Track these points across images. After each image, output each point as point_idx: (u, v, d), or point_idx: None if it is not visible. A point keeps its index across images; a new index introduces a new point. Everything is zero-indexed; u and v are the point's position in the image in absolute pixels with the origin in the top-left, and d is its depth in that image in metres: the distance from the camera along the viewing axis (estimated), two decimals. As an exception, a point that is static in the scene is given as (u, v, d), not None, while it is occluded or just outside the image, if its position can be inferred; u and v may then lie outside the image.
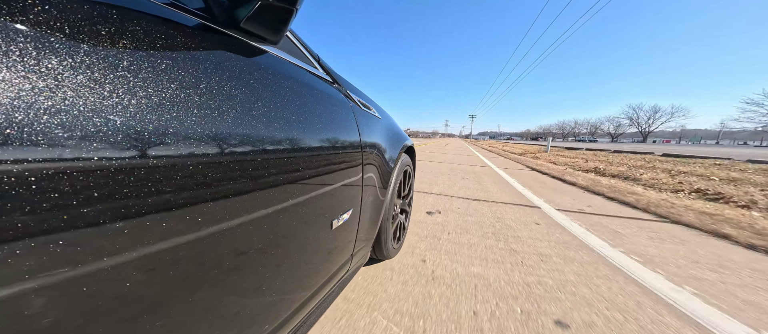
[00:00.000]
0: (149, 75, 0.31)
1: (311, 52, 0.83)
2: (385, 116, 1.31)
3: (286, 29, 0.51)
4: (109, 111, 0.27)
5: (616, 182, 4.02)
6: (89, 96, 0.25)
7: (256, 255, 0.45)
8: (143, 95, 0.30)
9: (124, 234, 0.27)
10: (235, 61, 0.44)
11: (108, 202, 0.26)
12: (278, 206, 0.49)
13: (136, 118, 0.29)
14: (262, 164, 0.45)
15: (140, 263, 0.29)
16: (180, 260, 0.33)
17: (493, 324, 0.96)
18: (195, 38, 0.38)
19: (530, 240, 1.73)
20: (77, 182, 0.24)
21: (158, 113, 0.31)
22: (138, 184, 0.28)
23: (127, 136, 0.28)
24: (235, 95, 0.42)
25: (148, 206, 0.29)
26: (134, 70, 0.30)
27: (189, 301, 0.35)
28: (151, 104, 0.30)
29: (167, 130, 0.32)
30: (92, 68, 0.26)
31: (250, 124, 0.44)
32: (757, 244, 1.75)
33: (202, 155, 0.35)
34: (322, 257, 0.68)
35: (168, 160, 0.31)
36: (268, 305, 0.50)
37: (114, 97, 0.27)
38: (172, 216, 0.32)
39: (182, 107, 0.34)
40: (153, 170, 0.30)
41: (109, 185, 0.26)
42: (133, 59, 0.30)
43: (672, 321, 1.02)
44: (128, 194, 0.28)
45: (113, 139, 0.27)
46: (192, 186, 0.34)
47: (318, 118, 0.66)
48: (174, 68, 0.34)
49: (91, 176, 0.25)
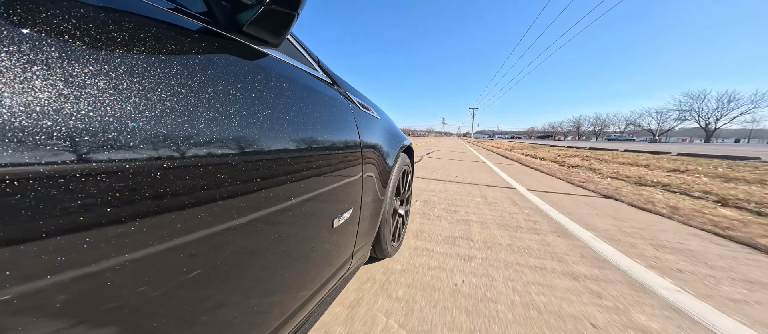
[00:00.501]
0: (152, 78, 0.32)
1: (311, 55, 0.84)
2: (383, 117, 1.32)
3: (287, 33, 0.52)
4: (113, 114, 0.27)
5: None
6: (92, 99, 0.26)
7: (259, 255, 0.46)
8: (146, 98, 0.31)
9: (123, 235, 0.27)
10: (237, 64, 0.45)
11: (107, 203, 0.26)
12: (280, 206, 0.50)
13: (139, 120, 0.29)
14: (264, 165, 0.46)
15: (140, 264, 0.29)
16: (181, 260, 0.33)
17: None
18: (198, 42, 0.39)
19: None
20: (79, 183, 0.24)
21: (161, 115, 0.32)
22: (139, 185, 0.28)
23: (129, 138, 0.28)
24: (237, 97, 0.44)
25: (150, 207, 0.29)
26: (138, 73, 0.30)
27: (190, 301, 0.35)
28: (154, 107, 0.31)
29: (170, 132, 0.32)
30: (96, 72, 0.27)
31: (253, 125, 0.45)
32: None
33: (206, 156, 0.36)
34: (323, 256, 0.69)
35: (171, 161, 0.32)
36: (270, 305, 0.51)
37: (117, 99, 0.28)
38: (174, 217, 0.32)
39: (185, 109, 0.35)
40: (155, 172, 0.30)
41: (109, 186, 0.26)
42: (136, 63, 0.30)
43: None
44: (128, 195, 0.28)
45: (115, 141, 0.27)
46: (197, 187, 0.35)
47: (318, 120, 0.67)
48: (177, 71, 0.35)
49: (92, 177, 0.25)
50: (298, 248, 0.58)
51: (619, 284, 1.24)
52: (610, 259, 1.48)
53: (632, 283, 1.25)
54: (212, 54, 0.41)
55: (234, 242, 0.41)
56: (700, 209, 2.46)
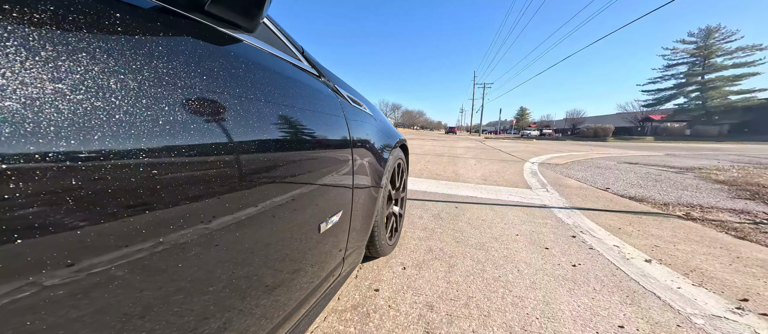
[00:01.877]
0: (101, 68, 0.26)
1: (294, 44, 0.77)
2: (376, 112, 1.26)
3: (261, 15, 0.45)
4: (62, 109, 0.23)
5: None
6: (29, 90, 0.21)
7: (237, 262, 0.41)
8: (97, 91, 0.25)
9: (95, 238, 0.25)
10: (201, 50, 0.39)
11: (73, 204, 0.24)
12: (258, 211, 0.45)
13: (95, 115, 0.25)
14: (239, 166, 0.41)
15: (117, 268, 0.27)
16: (155, 264, 0.30)
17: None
18: (151, 24, 0.33)
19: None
20: (32, 181, 0.21)
21: (114, 110, 0.27)
22: (93, 187, 0.25)
23: (87, 135, 0.24)
24: (203, 90, 0.37)
25: (110, 210, 0.26)
26: (82, 62, 0.25)
27: (170, 309, 0.33)
28: (106, 101, 0.26)
29: (128, 129, 0.28)
30: (29, 58, 0.22)
31: (224, 121, 0.40)
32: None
33: (170, 157, 0.31)
34: (309, 263, 0.64)
35: (121, 161, 0.27)
36: (252, 314, 0.46)
37: (63, 92, 0.23)
38: (135, 221, 0.28)
39: (142, 103, 0.29)
40: (97, 172, 0.25)
41: (70, 185, 0.23)
42: (79, 49, 0.25)
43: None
44: (91, 196, 0.25)
45: (72, 138, 0.24)
46: (161, 188, 0.30)
47: (303, 114, 0.61)
48: (128, 59, 0.29)
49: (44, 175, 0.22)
50: (282, 256, 0.52)
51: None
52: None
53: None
54: (169, 38, 0.35)
55: (208, 251, 0.36)
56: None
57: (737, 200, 2.89)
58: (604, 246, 1.61)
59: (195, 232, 0.34)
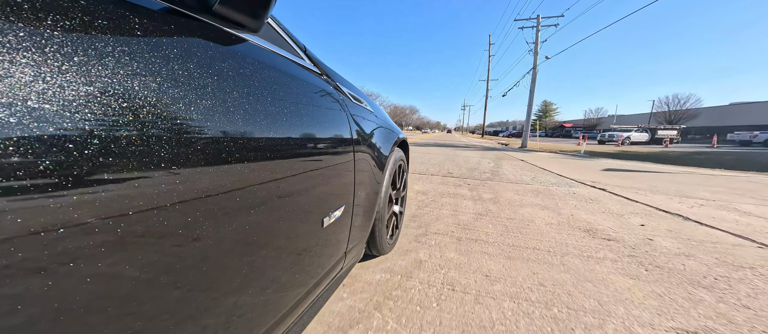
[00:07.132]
0: (110, 68, 0.27)
1: (297, 42, 0.79)
2: (377, 110, 1.27)
3: (266, 15, 0.47)
4: (69, 109, 0.24)
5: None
6: (34, 89, 0.22)
7: (244, 258, 0.43)
8: (106, 92, 0.26)
9: (100, 236, 0.26)
10: (209, 50, 0.41)
11: (81, 203, 0.24)
12: (265, 205, 0.46)
13: (101, 116, 0.26)
14: (245, 162, 0.42)
15: (123, 266, 0.28)
16: (163, 261, 0.31)
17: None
18: (161, 25, 0.34)
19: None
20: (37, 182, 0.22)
21: (123, 110, 0.28)
22: (103, 186, 0.26)
23: (95, 136, 0.25)
24: (211, 89, 0.39)
25: (117, 208, 0.27)
26: (92, 62, 0.26)
27: (175, 303, 0.33)
28: (116, 101, 0.27)
29: (140, 129, 0.29)
30: (37, 59, 0.23)
31: (231, 120, 0.41)
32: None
33: (178, 156, 0.32)
34: (313, 256, 0.65)
35: (136, 161, 0.28)
36: (258, 306, 0.48)
37: (73, 93, 0.24)
38: (145, 218, 0.29)
39: (152, 103, 0.30)
40: (107, 170, 0.26)
41: (79, 184, 0.24)
42: (89, 50, 0.26)
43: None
44: (101, 195, 0.25)
45: (76, 139, 0.24)
46: (169, 187, 0.31)
47: (306, 112, 0.63)
48: (138, 60, 0.30)
49: (46, 175, 0.22)
50: (286, 250, 0.54)
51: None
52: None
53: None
54: (179, 39, 0.36)
55: (218, 245, 0.38)
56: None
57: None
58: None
59: (209, 227, 0.36)
